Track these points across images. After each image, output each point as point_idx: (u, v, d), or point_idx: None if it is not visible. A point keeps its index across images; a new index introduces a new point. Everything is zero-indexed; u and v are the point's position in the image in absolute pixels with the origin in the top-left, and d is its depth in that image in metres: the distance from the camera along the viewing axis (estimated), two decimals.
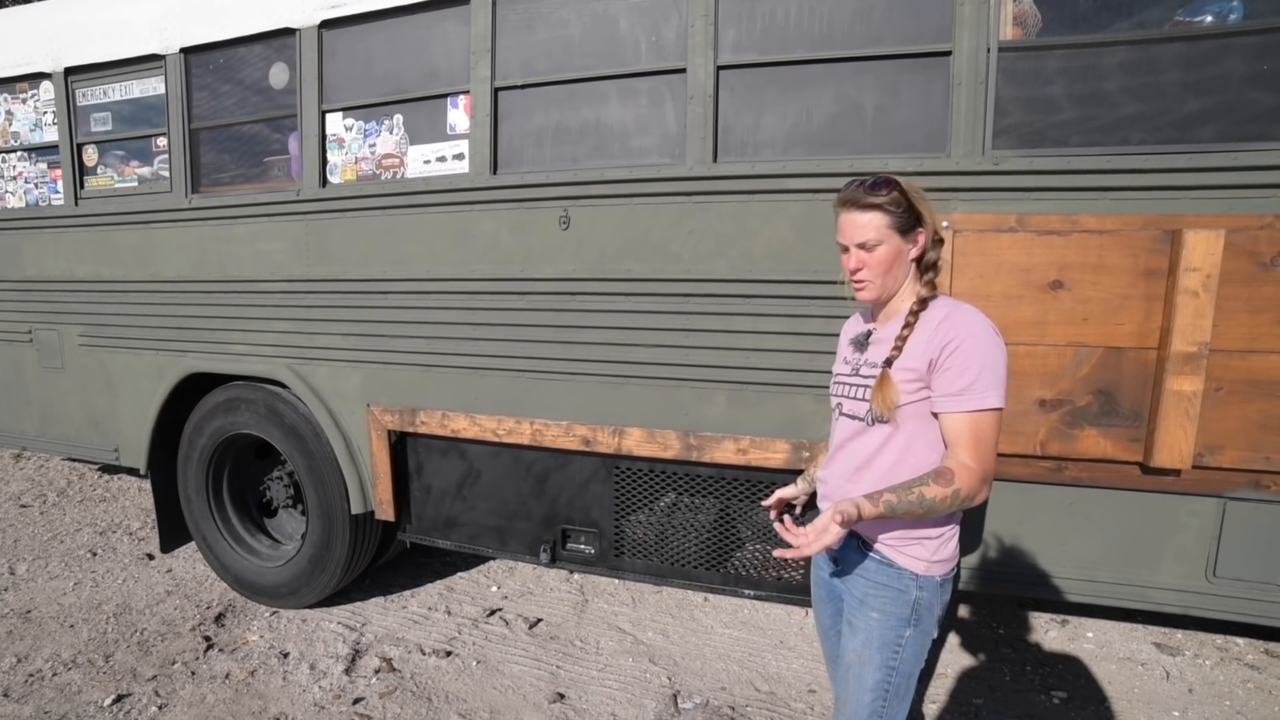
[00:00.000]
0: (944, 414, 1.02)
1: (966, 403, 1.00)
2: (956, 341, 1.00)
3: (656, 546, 1.95)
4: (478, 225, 1.93)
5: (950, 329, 1.01)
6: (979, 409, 0.99)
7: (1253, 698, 2.02)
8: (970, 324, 1.01)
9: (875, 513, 0.98)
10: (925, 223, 1.05)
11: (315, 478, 2.28)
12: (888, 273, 1.06)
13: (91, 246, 2.53)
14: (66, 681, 2.07)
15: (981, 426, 0.99)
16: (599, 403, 1.88)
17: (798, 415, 1.71)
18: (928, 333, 1.03)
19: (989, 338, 1.01)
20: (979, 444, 1.00)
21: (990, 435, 1.00)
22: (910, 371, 1.04)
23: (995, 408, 1.00)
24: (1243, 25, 1.36)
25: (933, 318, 1.04)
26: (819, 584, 1.26)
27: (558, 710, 1.95)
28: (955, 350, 1.00)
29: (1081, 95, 1.45)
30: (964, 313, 1.03)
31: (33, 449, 2.95)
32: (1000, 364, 1.00)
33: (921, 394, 1.03)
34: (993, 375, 0.99)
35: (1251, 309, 1.30)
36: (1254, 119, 1.34)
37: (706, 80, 1.67)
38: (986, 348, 1.00)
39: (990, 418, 1.00)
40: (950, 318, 1.03)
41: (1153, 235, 1.35)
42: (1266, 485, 1.36)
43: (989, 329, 1.02)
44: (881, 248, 1.04)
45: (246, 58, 2.22)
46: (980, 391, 0.99)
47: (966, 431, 1.00)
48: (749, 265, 1.68)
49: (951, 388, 1.00)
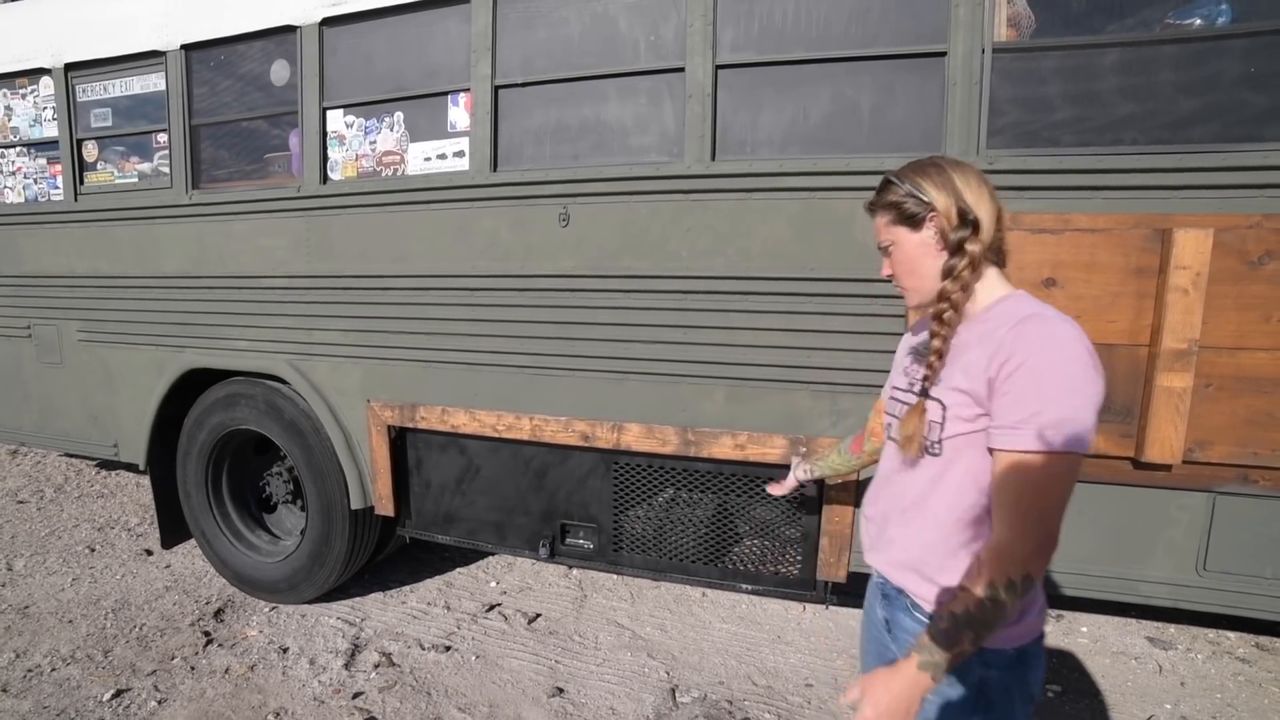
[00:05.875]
0: (994, 451, 0.79)
1: (1020, 438, 0.75)
2: (1021, 357, 0.76)
3: (655, 541, 1.97)
4: (478, 222, 1.95)
5: (1018, 340, 0.78)
6: (1036, 450, 0.74)
7: (1243, 690, 2.05)
8: (1047, 335, 0.77)
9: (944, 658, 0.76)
10: (935, 203, 0.87)
11: (315, 473, 2.29)
12: (913, 272, 0.91)
13: (91, 242, 2.53)
14: (65, 676, 2.07)
15: (1036, 474, 0.74)
16: (598, 398, 1.89)
17: (795, 411, 1.73)
18: (990, 344, 0.81)
19: (1071, 355, 0.76)
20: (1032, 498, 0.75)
21: (1050, 490, 0.75)
22: (963, 395, 0.82)
23: (1062, 451, 0.74)
24: (1231, 28, 1.39)
25: (998, 324, 0.82)
26: (869, 624, 1.03)
27: (556, 704, 1.96)
28: (1020, 368, 0.76)
29: (1074, 96, 1.47)
30: (1042, 321, 0.79)
31: (31, 445, 2.94)
32: (1083, 394, 0.75)
33: (981, 422, 0.81)
34: (1066, 406, 0.74)
35: (1240, 306, 1.32)
36: (1242, 120, 1.36)
37: (705, 79, 1.68)
38: (1064, 368, 0.75)
39: (1052, 465, 0.74)
40: (1023, 326, 0.79)
41: (1144, 234, 1.37)
42: (1255, 480, 1.39)
43: (1073, 344, 0.77)
44: (896, 249, 0.93)
45: (247, 54, 2.23)
46: (1043, 425, 0.74)
47: (1013, 478, 0.76)
48: (746, 263, 1.70)
49: (1007, 417, 0.77)
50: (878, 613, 0.99)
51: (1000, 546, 0.77)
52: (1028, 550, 0.75)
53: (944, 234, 0.88)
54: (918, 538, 0.88)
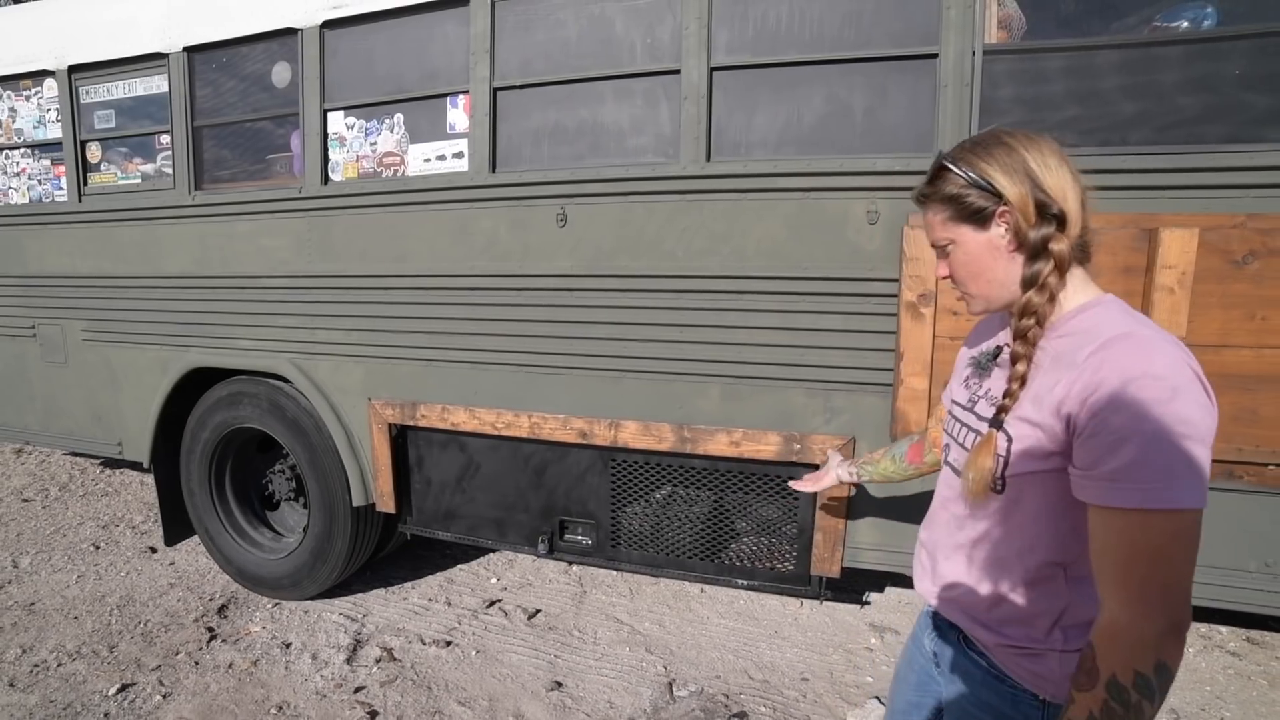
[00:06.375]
0: (1090, 507, 0.64)
1: (1120, 493, 0.60)
2: (1108, 392, 0.61)
3: (652, 537, 1.99)
4: (477, 223, 1.97)
5: (1105, 367, 0.62)
6: (1144, 507, 0.59)
7: (1232, 683, 2.07)
8: (1143, 361, 0.61)
9: None
10: (1007, 195, 0.70)
11: (317, 471, 2.31)
12: (978, 277, 0.75)
13: (95, 242, 2.56)
14: (71, 671, 2.10)
15: (1149, 537, 0.60)
16: (596, 396, 1.92)
17: (789, 408, 1.75)
18: (1069, 369, 0.65)
19: (1176, 385, 0.60)
20: (1149, 568, 0.60)
21: (1170, 555, 0.60)
22: (1033, 428, 0.67)
23: (1179, 508, 0.59)
24: (1216, 31, 1.41)
25: (1080, 343, 0.66)
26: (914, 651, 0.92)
27: (555, 698, 1.99)
28: (1110, 403, 0.61)
29: (1064, 97, 1.49)
30: (1136, 342, 0.63)
31: (35, 443, 2.98)
32: (1195, 434, 0.59)
33: (1055, 462, 0.67)
34: (1176, 450, 0.58)
35: (1224, 305, 1.34)
36: (1227, 122, 1.38)
37: (700, 81, 1.71)
38: (1169, 404, 0.59)
39: (1168, 525, 0.59)
40: (1111, 348, 0.63)
41: (1132, 233, 1.39)
42: (1239, 475, 1.41)
43: (1178, 371, 0.61)
44: (955, 249, 0.76)
45: (249, 56, 2.25)
46: (1149, 478, 0.59)
47: (1118, 544, 0.61)
48: (741, 262, 1.72)
49: (1100, 465, 0.62)
50: (925, 643, 0.89)
51: (1116, 630, 0.61)
52: (1155, 633, 0.59)
53: (1020, 232, 0.71)
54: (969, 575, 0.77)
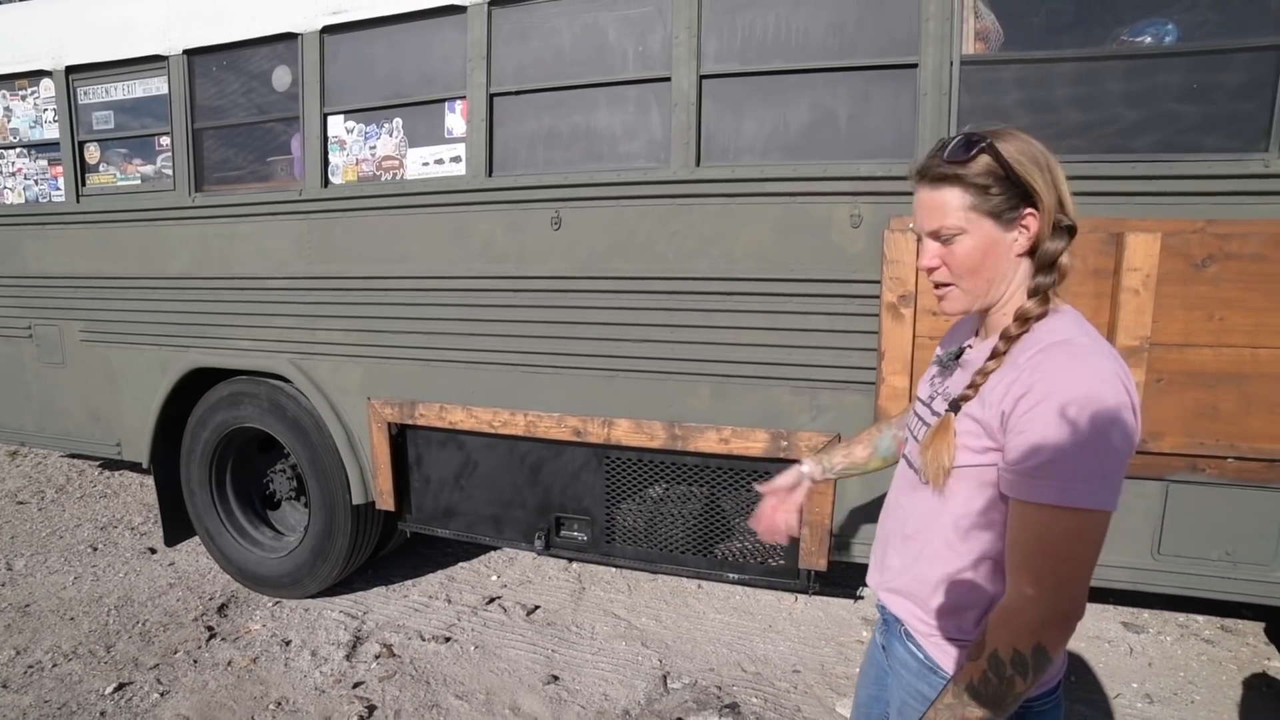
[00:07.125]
0: (1011, 499, 0.68)
1: (1035, 488, 0.65)
2: (1039, 394, 0.64)
3: (645, 533, 2.04)
4: (474, 225, 2.02)
5: (1037, 372, 0.66)
6: (1054, 504, 0.64)
7: (1205, 669, 2.15)
8: (1072, 368, 0.65)
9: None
10: (1040, 200, 0.70)
11: (317, 469, 2.34)
12: (977, 274, 0.73)
13: (94, 243, 2.57)
14: (67, 672, 2.10)
15: (1053, 532, 0.64)
16: (589, 395, 1.97)
17: (776, 406, 1.81)
18: (1010, 370, 0.69)
19: (1101, 395, 0.63)
20: (1047, 559, 0.64)
21: (1069, 551, 0.64)
22: (974, 422, 0.71)
23: (1083, 507, 0.63)
24: (1176, 46, 1.48)
25: (1025, 347, 0.70)
26: (873, 646, 0.95)
27: (551, 691, 2.03)
28: (1038, 405, 0.64)
29: (1037, 106, 1.57)
30: (1070, 350, 0.66)
31: (32, 444, 2.97)
32: (1110, 442, 0.62)
33: (989, 457, 0.70)
34: (1090, 458, 0.62)
35: (1186, 306, 1.41)
36: (1188, 131, 1.45)
37: (690, 89, 1.76)
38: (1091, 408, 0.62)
39: (1073, 523, 0.63)
40: (1047, 354, 0.67)
41: (1100, 237, 1.46)
42: (1202, 469, 1.48)
43: (1106, 382, 0.64)
44: (964, 239, 0.72)
45: (249, 60, 2.28)
46: (1064, 477, 0.63)
47: (1027, 535, 0.66)
48: (729, 264, 1.78)
49: (1022, 461, 0.65)
50: (877, 637, 0.93)
51: (1009, 611, 0.66)
52: (1040, 619, 0.64)
53: (1037, 241, 0.71)
54: (912, 568, 0.80)
